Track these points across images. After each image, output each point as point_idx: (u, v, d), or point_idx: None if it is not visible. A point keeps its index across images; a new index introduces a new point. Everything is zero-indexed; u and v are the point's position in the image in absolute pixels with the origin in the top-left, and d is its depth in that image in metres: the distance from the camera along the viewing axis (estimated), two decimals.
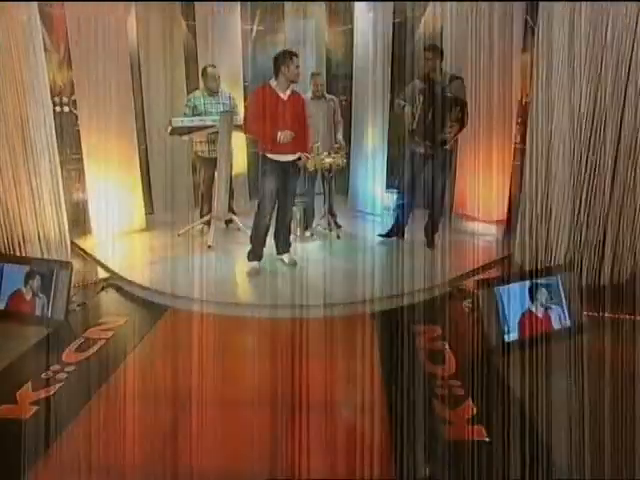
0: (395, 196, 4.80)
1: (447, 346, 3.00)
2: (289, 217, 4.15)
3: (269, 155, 3.87)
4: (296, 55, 3.76)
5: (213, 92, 4.87)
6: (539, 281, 3.09)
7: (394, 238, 4.75)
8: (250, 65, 6.48)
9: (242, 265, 4.14)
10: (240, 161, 5.86)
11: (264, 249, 4.13)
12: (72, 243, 4.88)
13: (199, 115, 4.78)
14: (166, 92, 5.87)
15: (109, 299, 3.85)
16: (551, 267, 3.38)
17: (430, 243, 4.62)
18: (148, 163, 6.00)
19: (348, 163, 6.01)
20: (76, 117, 5.05)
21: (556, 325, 3.08)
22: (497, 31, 4.55)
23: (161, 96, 5.86)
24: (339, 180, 6.14)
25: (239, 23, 5.59)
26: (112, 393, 2.59)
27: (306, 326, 3.29)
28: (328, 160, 4.74)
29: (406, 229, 4.79)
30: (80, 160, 4.98)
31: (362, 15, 5.61)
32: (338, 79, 6.64)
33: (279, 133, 3.75)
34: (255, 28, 6.48)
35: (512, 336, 2.96)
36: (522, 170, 4.33)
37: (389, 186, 5.82)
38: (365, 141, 5.86)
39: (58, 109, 5.27)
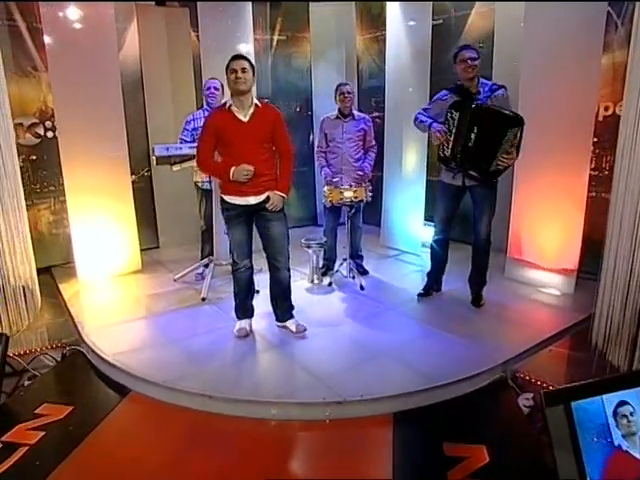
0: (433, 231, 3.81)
1: None
2: (285, 276, 3.19)
3: (225, 197, 3.02)
4: (238, 57, 2.87)
5: None
6: None
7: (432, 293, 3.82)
8: (270, 79, 5.72)
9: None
10: None
11: (253, 305, 3.36)
12: (57, 290, 4.27)
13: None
14: (174, 111, 5.21)
15: (66, 372, 3.10)
16: None
17: (476, 300, 3.61)
18: (153, 191, 5.35)
19: (380, 192, 5.12)
20: None
21: None
22: (566, 27, 3.52)
23: (169, 116, 5.20)
24: (371, 210, 5.24)
25: (251, 32, 4.81)
26: None
27: (297, 438, 2.40)
28: (348, 194, 3.84)
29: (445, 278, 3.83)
30: None
31: (395, 18, 4.70)
32: (370, 93, 5.75)
33: (232, 169, 2.89)
34: (276, 38, 5.71)
35: None
36: (600, 205, 3.30)
37: (428, 219, 4.84)
38: (400, 166, 4.92)
39: (50, 134, 4.73)
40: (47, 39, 3.99)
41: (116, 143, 4.31)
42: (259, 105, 2.95)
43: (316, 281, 4.19)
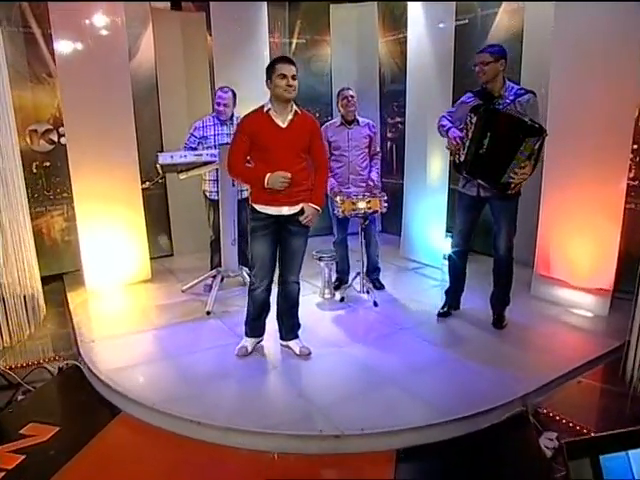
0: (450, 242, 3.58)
1: None
2: (294, 289, 3.01)
3: (256, 206, 2.83)
4: (288, 61, 2.69)
5: (223, 120, 3.96)
6: None
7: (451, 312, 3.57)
8: None
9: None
10: None
11: (265, 324, 3.13)
12: (65, 298, 4.20)
13: (209, 147, 3.89)
14: (190, 117, 5.11)
15: (59, 389, 2.99)
16: None
17: (498, 321, 3.33)
18: (167, 198, 5.26)
19: (400, 200, 4.89)
20: None
21: None
22: (601, 24, 3.22)
23: (184, 122, 5.09)
24: (392, 219, 5.01)
25: (266, 36, 4.66)
26: None
27: (287, 473, 2.18)
28: (361, 205, 3.62)
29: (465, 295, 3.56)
30: None
31: (417, 19, 4.46)
32: (392, 97, 5.51)
33: (267, 175, 2.70)
34: (295, 41, 5.55)
35: None
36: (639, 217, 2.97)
37: (450, 230, 4.56)
38: (422, 173, 4.66)
39: (63, 141, 4.67)
40: (57, 45, 3.92)
41: (126, 150, 4.22)
42: (299, 112, 2.79)
43: (327, 296, 3.98)
